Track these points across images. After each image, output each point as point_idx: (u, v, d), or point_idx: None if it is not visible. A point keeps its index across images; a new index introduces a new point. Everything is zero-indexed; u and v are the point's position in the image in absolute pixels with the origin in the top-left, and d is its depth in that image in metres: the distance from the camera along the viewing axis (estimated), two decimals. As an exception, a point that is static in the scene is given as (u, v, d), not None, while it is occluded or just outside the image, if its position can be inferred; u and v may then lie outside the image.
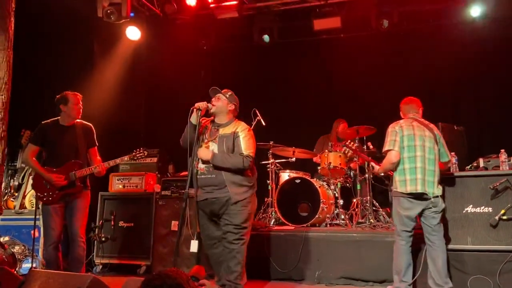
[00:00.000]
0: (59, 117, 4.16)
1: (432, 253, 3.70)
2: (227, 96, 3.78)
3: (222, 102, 3.73)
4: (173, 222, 4.96)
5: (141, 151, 4.24)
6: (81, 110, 4.17)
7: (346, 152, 4.25)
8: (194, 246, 3.63)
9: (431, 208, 3.65)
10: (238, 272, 3.52)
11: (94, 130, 4.28)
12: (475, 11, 5.85)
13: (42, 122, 4.18)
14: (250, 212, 3.64)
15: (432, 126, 3.83)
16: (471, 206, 3.95)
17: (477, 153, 4.70)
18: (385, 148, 3.78)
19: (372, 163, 4.17)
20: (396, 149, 3.71)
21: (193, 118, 3.63)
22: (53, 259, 3.93)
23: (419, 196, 3.64)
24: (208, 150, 3.61)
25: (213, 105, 3.71)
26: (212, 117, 3.82)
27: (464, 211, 3.95)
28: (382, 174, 3.79)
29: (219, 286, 3.62)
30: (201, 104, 3.65)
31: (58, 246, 3.97)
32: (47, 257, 3.97)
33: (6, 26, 3.97)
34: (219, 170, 3.55)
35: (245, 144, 3.61)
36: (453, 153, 4.17)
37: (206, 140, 3.69)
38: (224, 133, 3.67)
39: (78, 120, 4.19)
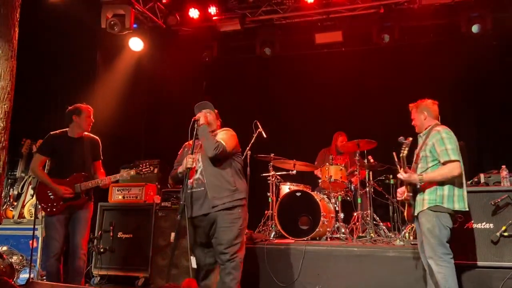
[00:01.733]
0: (67, 129, 4.18)
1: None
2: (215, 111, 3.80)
3: (212, 116, 3.74)
4: (172, 234, 4.92)
5: (147, 165, 4.27)
6: (92, 123, 4.21)
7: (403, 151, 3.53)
8: (194, 261, 3.58)
9: None
10: None
11: (100, 144, 4.32)
12: (476, 27, 5.91)
13: (51, 133, 4.18)
14: (240, 228, 3.52)
15: None
16: (472, 222, 3.93)
17: (478, 168, 4.70)
18: (451, 157, 3.27)
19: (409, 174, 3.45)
20: (460, 159, 3.33)
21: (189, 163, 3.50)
22: (55, 270, 3.88)
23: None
24: (203, 114, 3.60)
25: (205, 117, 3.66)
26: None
27: (465, 227, 3.93)
28: (419, 185, 3.42)
29: None
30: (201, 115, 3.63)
31: (60, 258, 3.95)
32: (49, 268, 3.90)
33: (10, 36, 3.99)
34: (204, 180, 3.49)
35: (222, 136, 3.61)
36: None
37: (187, 154, 3.60)
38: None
39: (86, 133, 4.22)
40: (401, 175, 3.40)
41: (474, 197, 3.95)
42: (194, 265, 3.58)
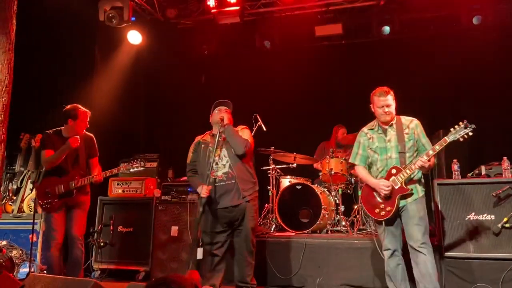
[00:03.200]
0: (62, 128, 4.24)
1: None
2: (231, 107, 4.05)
3: (230, 114, 3.99)
4: (172, 227, 4.92)
5: (138, 162, 4.29)
6: (86, 127, 4.27)
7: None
8: (200, 253, 3.67)
9: None
10: (252, 275, 3.87)
11: (95, 140, 4.37)
12: (476, 19, 5.88)
13: (46, 131, 4.26)
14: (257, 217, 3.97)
15: None
16: (473, 213, 3.93)
17: (479, 160, 4.68)
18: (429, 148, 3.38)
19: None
20: None
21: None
22: (56, 262, 3.97)
23: None
24: (227, 114, 3.87)
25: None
26: (208, 133, 4.03)
27: (466, 219, 3.93)
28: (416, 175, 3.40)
29: None
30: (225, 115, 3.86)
31: (60, 250, 4.03)
32: (50, 259, 3.99)
33: (7, 28, 3.95)
34: (234, 174, 3.77)
35: (245, 135, 3.93)
36: (455, 160, 4.17)
37: (215, 151, 3.79)
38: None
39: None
40: (423, 159, 3.24)
41: (475, 188, 3.96)
42: (200, 256, 3.64)
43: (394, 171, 3.39)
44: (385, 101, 3.48)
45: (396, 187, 3.35)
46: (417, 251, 3.30)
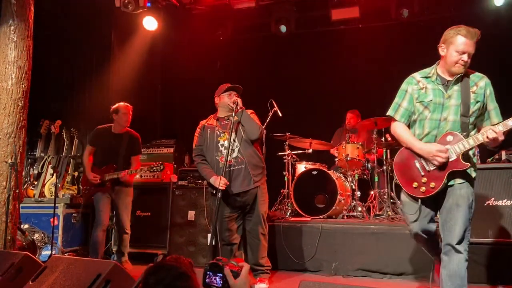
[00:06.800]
0: (112, 124, 4.71)
1: None
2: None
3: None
4: (189, 212, 4.99)
5: (158, 164, 4.58)
6: (129, 119, 4.66)
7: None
8: (210, 239, 3.82)
9: None
10: (266, 257, 3.90)
11: (140, 140, 4.82)
12: (498, 0, 5.69)
13: (97, 127, 4.75)
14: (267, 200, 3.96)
15: None
16: (493, 199, 3.86)
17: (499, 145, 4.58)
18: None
19: None
20: None
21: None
22: (100, 240, 4.48)
23: None
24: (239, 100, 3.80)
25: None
26: (212, 117, 3.99)
27: (485, 204, 3.87)
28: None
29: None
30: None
31: (105, 230, 4.59)
32: (95, 238, 4.46)
33: (26, 16, 4.00)
34: (243, 159, 3.75)
35: (256, 119, 3.90)
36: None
37: (222, 135, 3.82)
38: (236, 120, 3.83)
39: (128, 129, 4.72)
40: (499, 129, 2.56)
41: (496, 174, 3.88)
42: (211, 242, 3.69)
43: (450, 137, 2.66)
44: (469, 47, 2.68)
45: (451, 159, 2.63)
46: (454, 248, 2.66)
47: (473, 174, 2.74)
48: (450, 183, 2.70)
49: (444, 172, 2.66)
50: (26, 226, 4.93)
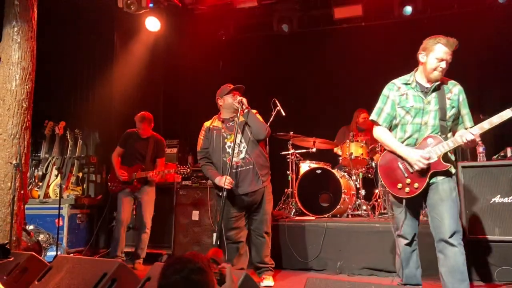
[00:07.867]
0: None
1: None
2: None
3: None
4: (194, 212, 5.00)
5: (185, 167, 4.66)
6: (144, 127, 4.93)
7: None
8: (215, 239, 3.73)
9: None
10: (269, 255, 3.95)
11: (165, 144, 5.14)
12: (502, -4, 5.66)
13: (127, 131, 5.07)
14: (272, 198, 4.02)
15: None
16: (499, 196, 3.84)
17: (504, 142, 4.55)
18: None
19: None
20: None
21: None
22: (120, 238, 4.75)
23: None
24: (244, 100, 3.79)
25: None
26: (216, 118, 3.99)
27: (491, 201, 3.85)
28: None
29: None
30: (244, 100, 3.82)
31: (125, 228, 4.86)
32: (116, 235, 4.79)
33: (29, 16, 4.01)
34: (251, 159, 3.77)
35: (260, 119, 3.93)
36: (480, 142, 4.06)
37: (229, 137, 3.83)
38: (242, 121, 3.83)
39: (154, 133, 5.04)
40: (475, 131, 2.76)
41: (501, 171, 3.86)
42: (216, 242, 3.68)
43: (431, 140, 2.84)
44: (447, 55, 2.85)
45: (432, 161, 2.81)
46: (447, 243, 2.76)
47: (453, 171, 2.92)
48: (432, 181, 2.89)
49: (427, 173, 2.85)
50: (31, 227, 4.93)
